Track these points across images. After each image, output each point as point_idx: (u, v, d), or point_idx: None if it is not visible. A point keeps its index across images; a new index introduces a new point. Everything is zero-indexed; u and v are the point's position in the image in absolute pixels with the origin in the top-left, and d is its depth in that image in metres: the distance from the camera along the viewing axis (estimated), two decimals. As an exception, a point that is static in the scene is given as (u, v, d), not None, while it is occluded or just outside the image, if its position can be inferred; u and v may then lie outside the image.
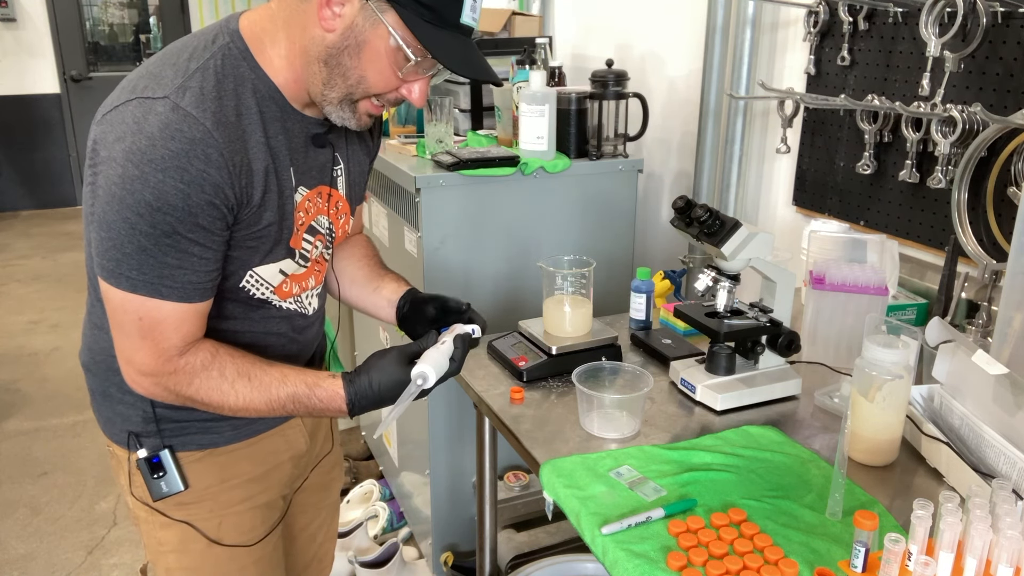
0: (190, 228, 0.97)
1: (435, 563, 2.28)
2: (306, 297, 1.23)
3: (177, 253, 0.98)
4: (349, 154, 1.23)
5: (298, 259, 1.16)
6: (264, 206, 1.06)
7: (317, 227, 1.18)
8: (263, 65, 1.05)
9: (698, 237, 1.33)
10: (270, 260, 1.11)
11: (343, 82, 1.03)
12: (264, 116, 1.05)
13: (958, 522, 0.86)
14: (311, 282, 1.23)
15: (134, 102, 0.97)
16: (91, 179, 0.98)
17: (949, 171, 1.57)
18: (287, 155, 1.08)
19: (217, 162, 0.97)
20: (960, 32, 1.51)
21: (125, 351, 1.05)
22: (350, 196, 1.25)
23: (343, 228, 1.26)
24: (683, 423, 1.33)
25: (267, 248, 1.10)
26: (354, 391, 1.08)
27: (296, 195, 1.11)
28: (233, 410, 1.08)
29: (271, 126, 1.06)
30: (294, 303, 1.21)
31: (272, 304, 1.17)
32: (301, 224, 1.14)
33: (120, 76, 1.02)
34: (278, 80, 1.06)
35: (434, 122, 2.12)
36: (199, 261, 1.01)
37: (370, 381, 1.08)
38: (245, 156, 1.02)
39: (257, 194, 1.04)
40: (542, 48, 2.24)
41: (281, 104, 1.07)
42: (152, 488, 1.18)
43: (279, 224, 1.09)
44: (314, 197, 1.16)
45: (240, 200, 1.02)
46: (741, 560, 0.97)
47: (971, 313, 1.51)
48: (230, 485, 1.23)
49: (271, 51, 1.05)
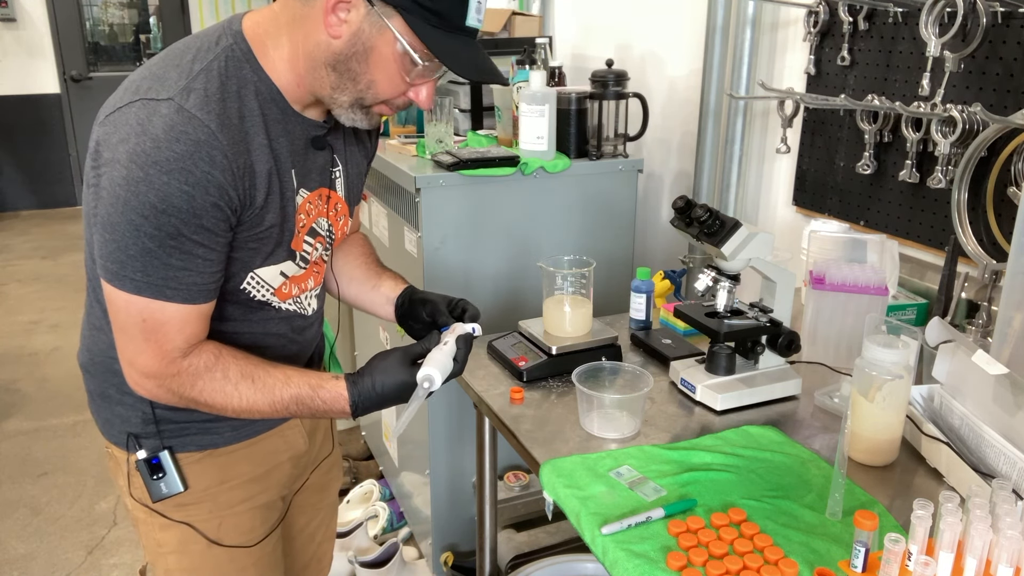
0: (194, 230, 0.97)
1: (435, 563, 2.28)
2: (305, 298, 1.23)
3: (181, 255, 0.98)
4: (347, 156, 1.23)
5: (298, 261, 1.16)
6: (267, 208, 1.06)
7: (318, 229, 1.18)
8: (266, 67, 1.05)
9: (698, 237, 1.33)
10: (271, 262, 1.12)
11: (353, 87, 1.04)
12: (266, 118, 1.05)
13: (958, 522, 0.86)
14: (310, 283, 1.23)
15: (138, 103, 0.97)
16: (94, 180, 0.98)
17: (949, 171, 1.57)
18: (289, 157, 1.08)
19: (221, 164, 0.97)
20: (960, 32, 1.51)
21: (128, 353, 1.04)
22: (348, 198, 1.25)
23: (342, 230, 1.26)
24: (683, 423, 1.33)
25: (268, 250, 1.10)
26: (357, 393, 1.09)
27: (298, 197, 1.11)
28: (236, 412, 1.08)
29: (273, 128, 1.06)
30: (293, 304, 1.21)
31: (271, 305, 1.17)
32: (302, 226, 1.14)
33: (120, 76, 1.02)
34: (280, 82, 1.06)
35: (434, 122, 2.12)
36: (203, 263, 1.01)
37: (373, 383, 1.09)
38: (248, 158, 1.02)
39: (260, 196, 1.04)
40: (542, 48, 2.24)
41: (282, 106, 1.07)
42: (152, 489, 1.18)
43: (281, 226, 1.09)
44: (315, 199, 1.16)
45: (243, 202, 1.02)
46: (741, 560, 0.97)
47: (971, 313, 1.51)
48: (230, 486, 1.23)
49: (273, 53, 1.05)
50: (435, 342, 1.12)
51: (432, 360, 1.08)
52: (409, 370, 1.08)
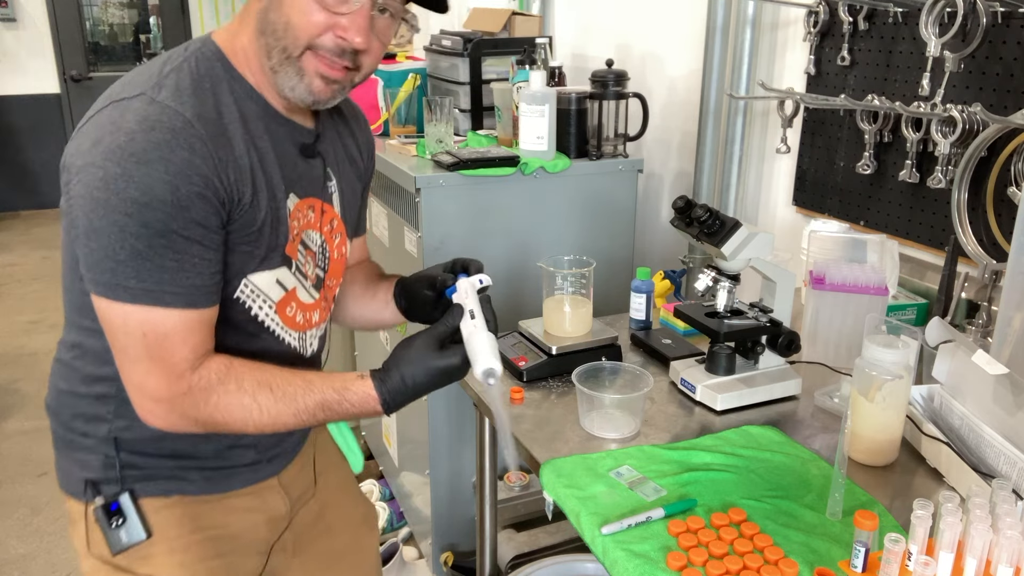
0: (183, 224, 0.91)
1: (435, 563, 2.28)
2: (309, 336, 1.16)
3: (174, 254, 0.92)
4: (341, 172, 1.17)
5: (295, 271, 1.09)
6: (256, 205, 1.00)
7: (308, 242, 1.11)
8: (239, 68, 1.02)
9: (698, 237, 1.33)
10: (266, 267, 1.05)
11: (276, 41, 0.97)
12: (245, 116, 1.00)
13: (958, 522, 0.86)
14: (315, 317, 1.16)
15: (108, 107, 0.93)
16: (66, 194, 0.92)
17: (949, 171, 1.57)
18: (274, 157, 1.03)
19: (202, 152, 0.92)
20: (960, 32, 1.51)
21: (134, 378, 0.97)
22: (345, 216, 1.19)
23: (339, 251, 1.18)
24: (683, 423, 1.33)
25: (262, 253, 1.03)
26: (387, 390, 1.01)
27: (288, 201, 1.05)
28: (259, 426, 0.99)
29: (254, 126, 1.01)
30: (297, 340, 1.13)
31: (272, 332, 1.09)
32: (296, 234, 1.08)
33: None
34: (254, 81, 1.02)
35: (434, 122, 2.12)
36: (200, 262, 0.95)
37: (402, 376, 1.01)
38: (231, 152, 0.97)
39: (247, 192, 0.98)
40: (542, 48, 2.24)
41: (261, 104, 1.03)
42: (111, 539, 1.06)
43: (274, 227, 1.03)
44: (305, 209, 1.09)
45: (231, 196, 0.96)
46: (741, 560, 0.97)
47: (971, 313, 1.51)
48: (201, 537, 1.11)
49: (241, 55, 1.02)
50: (458, 316, 1.04)
51: (477, 347, 0.99)
52: (438, 355, 1.01)
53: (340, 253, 1.19)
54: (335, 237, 1.16)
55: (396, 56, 2.67)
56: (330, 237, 1.15)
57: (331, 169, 1.15)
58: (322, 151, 1.12)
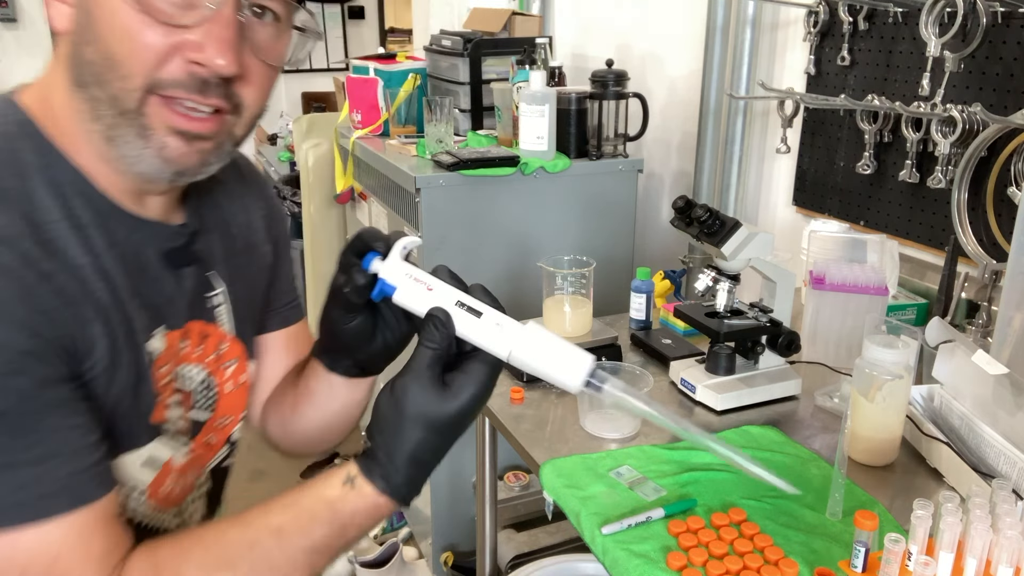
0: (20, 397, 0.61)
1: (435, 563, 2.28)
2: (188, 503, 0.85)
3: (27, 435, 0.61)
4: (232, 272, 0.85)
5: (170, 438, 0.79)
6: (116, 363, 0.70)
7: (180, 386, 0.79)
8: (60, 144, 0.70)
9: (698, 237, 1.33)
10: (129, 447, 0.74)
11: (100, 91, 0.66)
12: (76, 223, 0.68)
13: (958, 522, 0.86)
14: (191, 477, 0.84)
15: None
16: None
17: (949, 171, 1.57)
18: (125, 281, 0.71)
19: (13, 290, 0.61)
20: (960, 32, 1.51)
21: None
22: (241, 332, 0.87)
23: (236, 381, 0.87)
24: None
25: (124, 428, 0.72)
26: (393, 488, 0.70)
27: (152, 341, 0.75)
28: None
29: (94, 238, 0.69)
30: (173, 516, 0.82)
31: (139, 524, 0.78)
32: (165, 384, 0.77)
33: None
34: (82, 161, 0.70)
35: (434, 122, 2.12)
36: (69, 433, 0.64)
37: (407, 455, 0.69)
38: (60, 279, 0.65)
39: (99, 340, 0.68)
40: (542, 48, 2.24)
41: (95, 201, 0.70)
42: None
43: (135, 390, 0.72)
44: (176, 342, 0.79)
45: (76, 345, 0.66)
46: (741, 560, 0.97)
47: (971, 313, 1.51)
48: None
49: (64, 123, 0.70)
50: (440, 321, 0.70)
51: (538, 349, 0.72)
52: (444, 394, 0.68)
53: (237, 383, 0.88)
54: (226, 366, 0.86)
55: (396, 56, 2.67)
56: (217, 369, 0.85)
57: (216, 272, 0.84)
58: (200, 251, 0.82)
